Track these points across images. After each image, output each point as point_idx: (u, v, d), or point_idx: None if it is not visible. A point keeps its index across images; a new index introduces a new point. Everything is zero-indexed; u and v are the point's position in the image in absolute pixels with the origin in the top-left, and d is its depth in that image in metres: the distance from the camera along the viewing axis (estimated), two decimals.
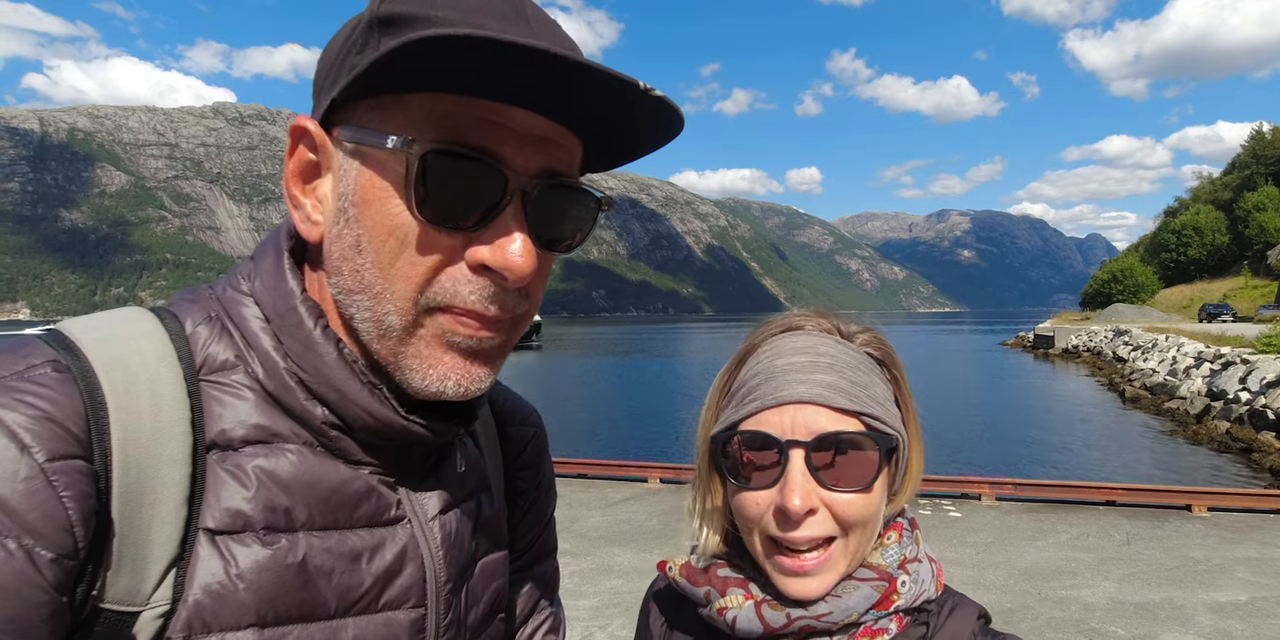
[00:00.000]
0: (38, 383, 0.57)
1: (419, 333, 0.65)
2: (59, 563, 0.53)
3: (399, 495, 0.73)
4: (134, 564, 0.59)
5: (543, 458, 1.01)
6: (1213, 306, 54.52)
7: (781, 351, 0.89)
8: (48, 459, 0.54)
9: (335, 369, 0.67)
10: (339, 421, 0.68)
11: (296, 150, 0.69)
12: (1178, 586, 6.10)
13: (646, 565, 6.77)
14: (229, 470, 0.64)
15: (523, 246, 0.63)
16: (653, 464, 10.87)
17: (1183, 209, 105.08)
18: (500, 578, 0.86)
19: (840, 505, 0.83)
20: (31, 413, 0.54)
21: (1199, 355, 24.08)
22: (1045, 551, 7.05)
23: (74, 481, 0.55)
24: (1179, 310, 64.88)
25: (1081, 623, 5.42)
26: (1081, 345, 46.92)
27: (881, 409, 0.87)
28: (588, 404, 29.26)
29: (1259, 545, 7.10)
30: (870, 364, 0.90)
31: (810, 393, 0.84)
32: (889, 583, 0.87)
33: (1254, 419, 16.10)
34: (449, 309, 0.64)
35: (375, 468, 0.71)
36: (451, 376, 0.66)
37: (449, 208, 0.62)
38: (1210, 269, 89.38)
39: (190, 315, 0.69)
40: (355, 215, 0.64)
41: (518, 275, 0.63)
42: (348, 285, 0.66)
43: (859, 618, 0.85)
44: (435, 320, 0.65)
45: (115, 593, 0.58)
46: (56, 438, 0.55)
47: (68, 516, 0.54)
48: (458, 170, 0.62)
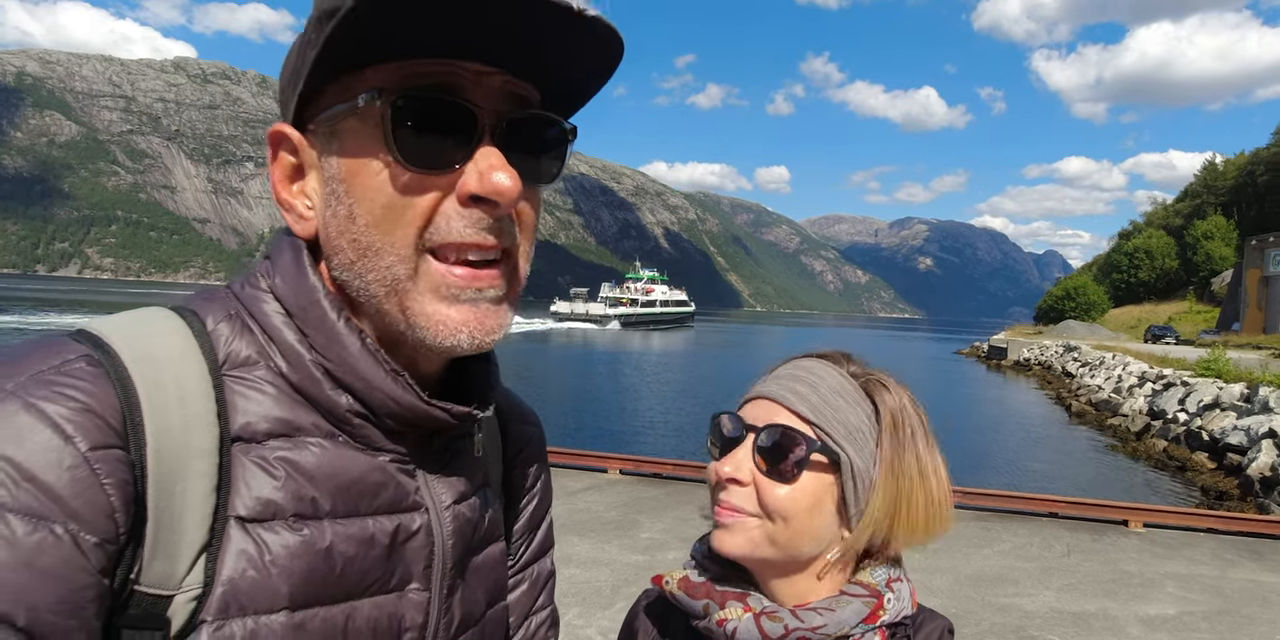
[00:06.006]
0: (75, 377, 0.59)
1: (420, 285, 0.67)
2: (102, 547, 0.56)
3: (417, 482, 0.76)
4: (167, 550, 0.61)
5: (541, 458, 1.03)
6: (1158, 328, 56.13)
7: (788, 366, 1.03)
8: (90, 448, 0.56)
9: (360, 358, 0.69)
10: (364, 410, 0.71)
11: (278, 156, 0.72)
12: (1112, 598, 6.36)
13: (604, 555, 6.82)
14: (255, 461, 0.66)
15: (507, 171, 0.65)
16: (613, 455, 10.85)
17: (1136, 232, 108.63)
18: (499, 569, 0.89)
19: (764, 490, 0.94)
20: (73, 405, 0.57)
21: (1142, 375, 25.01)
22: (990, 560, 7.28)
23: (114, 470, 0.57)
24: (1127, 329, 67.15)
25: (1021, 630, 5.63)
26: (1033, 358, 48.33)
27: (839, 429, 0.95)
28: (545, 390, 29.16)
29: (1188, 561, 7.43)
30: (859, 398, 0.98)
31: (777, 393, 0.97)
32: (878, 599, 0.96)
33: (1189, 439, 16.80)
34: (446, 247, 0.67)
35: (396, 455, 0.74)
36: (464, 329, 0.68)
37: (428, 150, 0.65)
38: (1158, 292, 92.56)
39: (210, 313, 0.71)
40: (343, 190, 0.67)
41: (508, 197, 0.66)
42: (348, 258, 0.69)
43: (849, 631, 0.93)
44: (430, 270, 0.67)
45: (151, 577, 0.60)
46: (97, 429, 0.57)
47: (110, 503, 0.56)
48: (428, 111, 0.65)
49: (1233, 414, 16.25)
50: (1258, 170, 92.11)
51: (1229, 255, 79.79)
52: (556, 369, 39.49)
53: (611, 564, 6.62)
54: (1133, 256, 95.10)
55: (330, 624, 0.67)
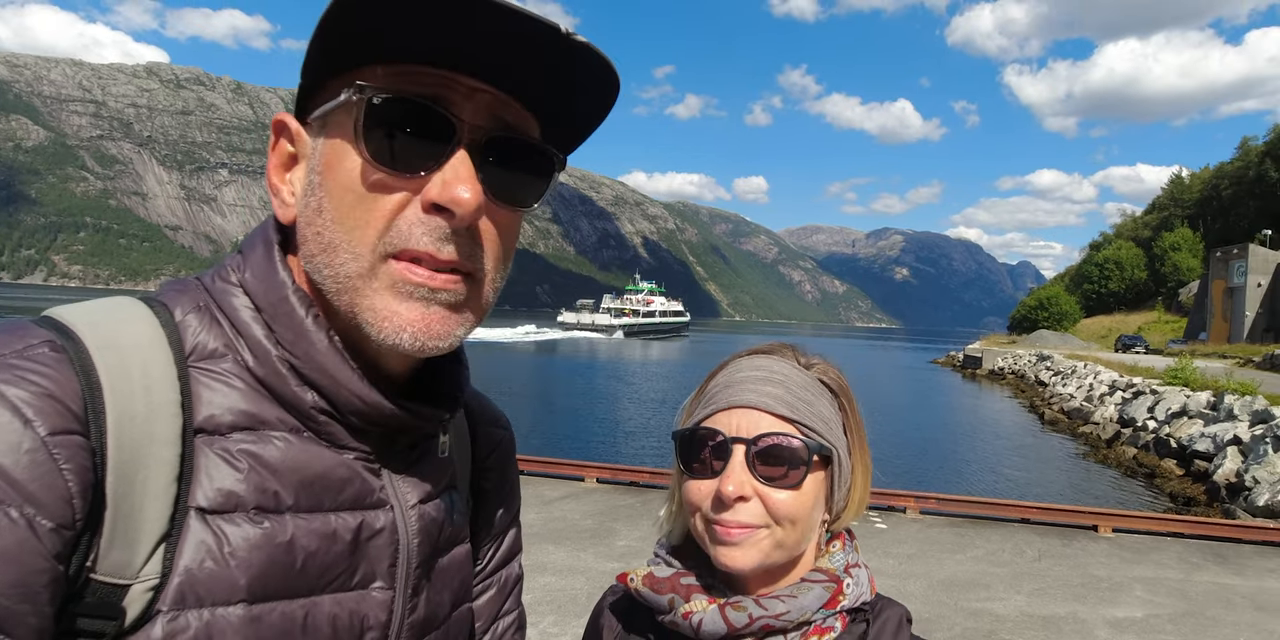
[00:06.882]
0: (37, 361, 0.59)
1: (374, 284, 0.67)
2: (58, 532, 0.55)
3: (382, 481, 0.76)
4: (126, 538, 0.61)
5: (510, 461, 1.04)
6: (1128, 338, 56.96)
7: (743, 368, 1.02)
8: (50, 433, 0.56)
9: (327, 355, 0.69)
10: (328, 407, 0.71)
11: (278, 143, 0.74)
12: (1081, 602, 6.47)
13: (580, 564, 6.80)
14: (219, 453, 0.66)
15: (470, 185, 0.65)
16: (590, 463, 10.87)
17: (1106, 244, 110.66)
18: (465, 570, 0.88)
19: (771, 499, 0.93)
20: (33, 389, 0.57)
21: (1113, 384, 25.49)
22: (963, 565, 7.37)
23: (74, 455, 0.57)
24: (1098, 339, 68.19)
25: (993, 634, 5.70)
26: (1007, 367, 48.98)
27: (821, 424, 0.97)
28: (522, 399, 29.02)
29: (1155, 566, 7.58)
30: (820, 388, 1.01)
31: (756, 400, 0.96)
32: (837, 584, 0.97)
33: (1158, 446, 17.13)
34: (403, 254, 0.66)
35: (361, 453, 0.74)
36: (408, 328, 0.67)
37: (399, 152, 0.65)
38: (1128, 302, 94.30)
39: (179, 304, 0.71)
40: (320, 182, 0.68)
41: (464, 208, 0.65)
42: (311, 250, 0.69)
43: (811, 616, 0.95)
44: (389, 269, 0.66)
45: (107, 565, 0.60)
46: (57, 413, 0.57)
47: (68, 488, 0.56)
48: (406, 114, 0.65)
49: (1200, 421, 16.60)
50: (1222, 184, 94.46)
51: (1195, 266, 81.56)
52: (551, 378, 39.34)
53: (587, 572, 6.61)
54: (1103, 267, 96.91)
55: (289, 618, 0.66)
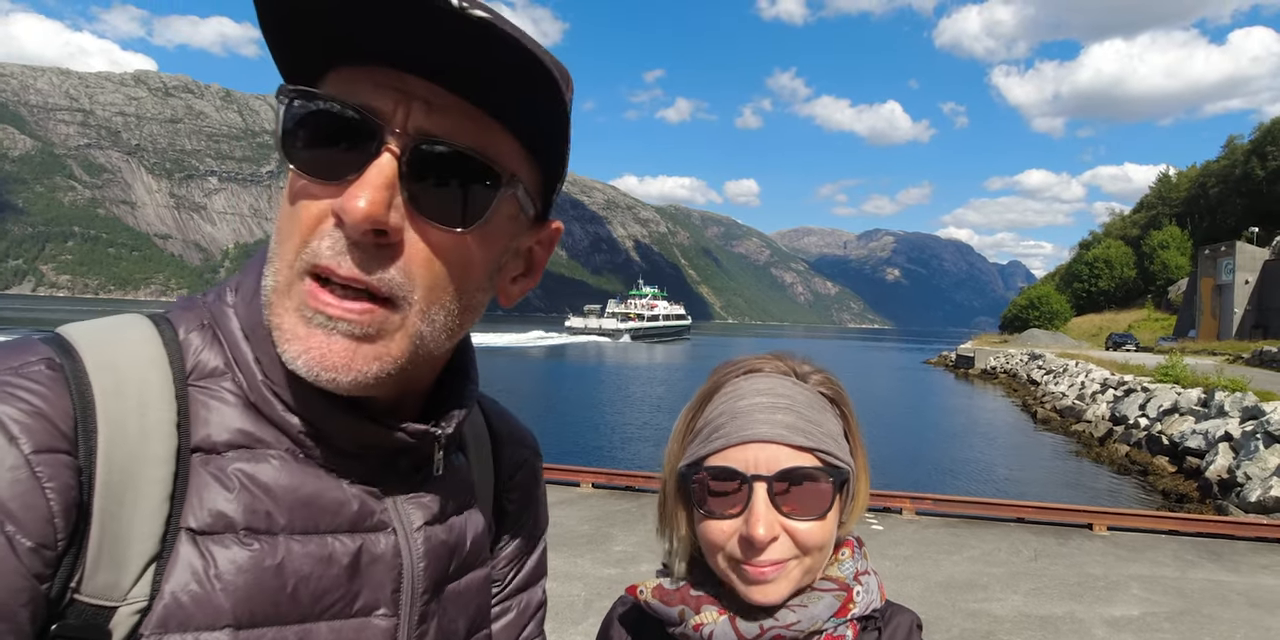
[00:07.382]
0: (31, 379, 0.58)
1: (286, 302, 0.64)
2: (38, 552, 0.55)
3: (384, 504, 0.73)
4: (114, 559, 0.59)
5: (535, 483, 1.01)
6: (1118, 336, 57.46)
7: (744, 393, 0.96)
8: (34, 451, 0.55)
9: (299, 381, 0.66)
10: (316, 432, 0.69)
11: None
12: (1078, 601, 6.48)
13: (577, 570, 6.76)
14: (212, 473, 0.65)
15: (371, 193, 0.60)
16: (585, 468, 10.83)
17: (1095, 243, 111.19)
18: (481, 596, 0.85)
19: (800, 532, 0.92)
20: (23, 407, 0.56)
21: (1104, 382, 25.60)
22: (960, 565, 7.37)
23: (57, 474, 0.56)
24: (1089, 337, 68.58)
25: (990, 635, 5.70)
26: (999, 367, 49.20)
27: (834, 444, 0.95)
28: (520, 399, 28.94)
29: (1151, 563, 7.60)
30: (823, 402, 0.99)
31: (771, 432, 0.92)
32: (847, 593, 0.96)
33: (1150, 444, 17.22)
34: (315, 269, 0.63)
35: (359, 474, 0.72)
36: (303, 355, 0.63)
37: (321, 158, 0.62)
38: (1118, 300, 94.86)
39: (184, 323, 0.71)
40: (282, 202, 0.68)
41: (352, 217, 0.59)
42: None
43: (822, 625, 0.94)
44: (300, 288, 0.63)
45: (93, 587, 0.59)
46: (44, 431, 0.56)
47: (49, 507, 0.55)
48: (326, 117, 0.62)
49: (1191, 418, 16.70)
50: (1209, 182, 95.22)
51: (1184, 264, 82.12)
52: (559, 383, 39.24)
53: (585, 578, 6.58)
54: (1093, 266, 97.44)
55: None
